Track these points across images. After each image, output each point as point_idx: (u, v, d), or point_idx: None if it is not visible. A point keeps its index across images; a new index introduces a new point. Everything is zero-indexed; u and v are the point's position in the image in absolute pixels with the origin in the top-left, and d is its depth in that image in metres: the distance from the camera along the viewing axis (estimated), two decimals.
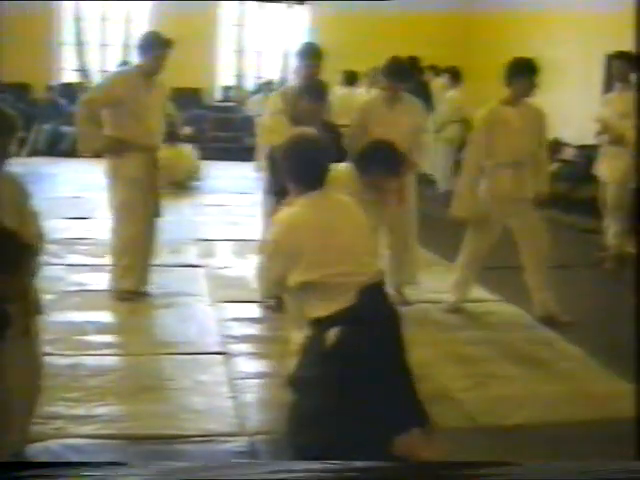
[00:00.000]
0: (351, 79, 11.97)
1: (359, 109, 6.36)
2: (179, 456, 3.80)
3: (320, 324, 3.62)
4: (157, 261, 6.45)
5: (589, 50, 11.77)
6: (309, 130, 4.24)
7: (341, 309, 3.60)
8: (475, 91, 11.69)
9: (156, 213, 6.14)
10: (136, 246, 6.06)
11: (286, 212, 3.78)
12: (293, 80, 6.64)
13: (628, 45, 6.33)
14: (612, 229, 7.63)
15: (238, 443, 3.93)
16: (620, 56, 7.57)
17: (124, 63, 12.77)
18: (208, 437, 3.99)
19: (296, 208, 3.74)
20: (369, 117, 6.13)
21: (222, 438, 3.98)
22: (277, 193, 5.43)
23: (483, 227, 5.94)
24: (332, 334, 3.56)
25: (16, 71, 13.86)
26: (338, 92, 11.73)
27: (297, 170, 3.77)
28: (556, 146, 10.94)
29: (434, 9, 14.28)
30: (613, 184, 7.59)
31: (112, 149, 5.91)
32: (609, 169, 7.63)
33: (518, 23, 13.37)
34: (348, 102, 10.97)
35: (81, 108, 5.97)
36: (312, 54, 6.12)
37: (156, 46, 5.84)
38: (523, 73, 5.73)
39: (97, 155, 6.16)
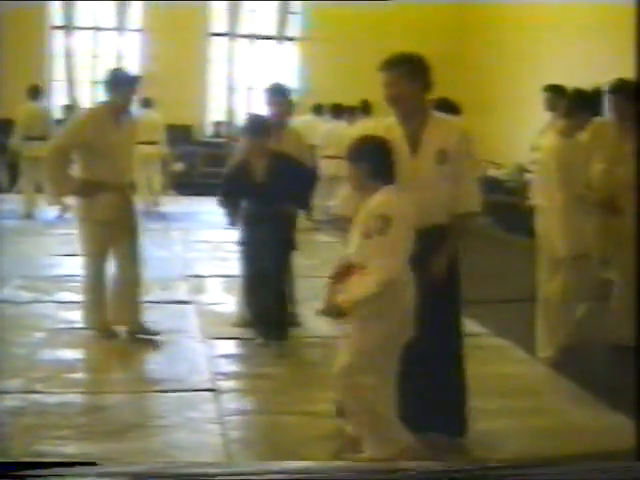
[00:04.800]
0: (337, 112, 12.06)
1: None
2: None
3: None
4: (147, 297, 6.45)
5: None
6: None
7: None
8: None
9: (132, 252, 6.05)
10: (102, 283, 6.03)
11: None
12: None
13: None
14: None
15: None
16: (551, 89, 7.69)
17: None
18: (198, 475, 3.99)
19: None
20: None
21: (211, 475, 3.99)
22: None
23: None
24: None
25: None
26: (324, 126, 11.81)
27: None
28: None
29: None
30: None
31: (83, 192, 5.85)
32: None
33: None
34: (334, 134, 11.10)
35: (50, 153, 5.89)
36: (277, 93, 6.38)
37: (123, 83, 5.81)
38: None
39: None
